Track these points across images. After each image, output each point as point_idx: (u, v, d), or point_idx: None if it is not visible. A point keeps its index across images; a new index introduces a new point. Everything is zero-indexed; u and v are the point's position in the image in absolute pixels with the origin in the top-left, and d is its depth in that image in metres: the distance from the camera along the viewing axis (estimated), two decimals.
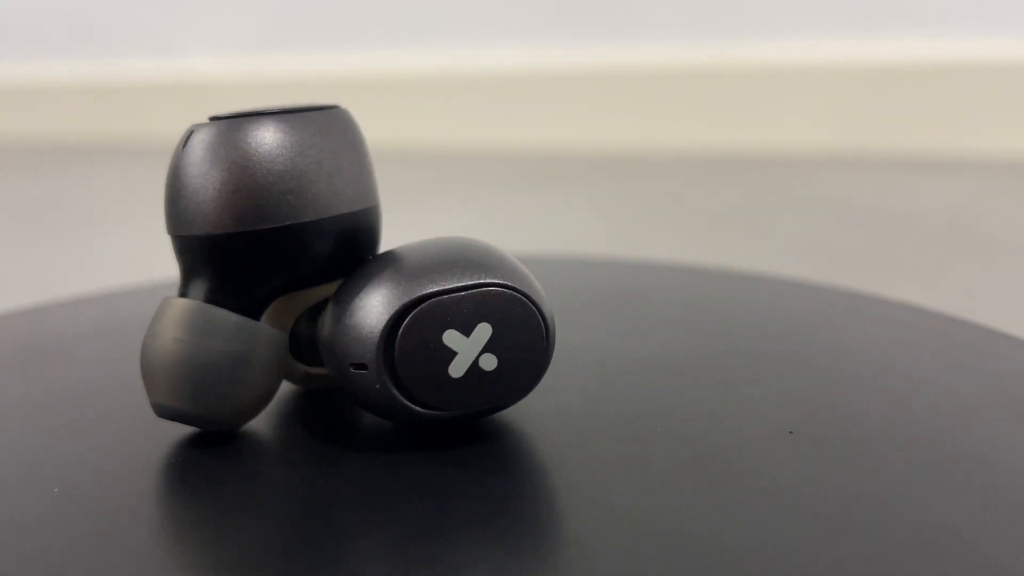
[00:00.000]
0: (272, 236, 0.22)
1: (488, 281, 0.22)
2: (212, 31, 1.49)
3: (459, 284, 0.21)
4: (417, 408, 0.22)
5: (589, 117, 1.27)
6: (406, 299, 0.21)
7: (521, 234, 0.88)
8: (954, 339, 0.31)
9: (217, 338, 0.22)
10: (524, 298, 0.22)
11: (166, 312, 0.23)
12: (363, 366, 0.21)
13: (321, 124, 0.23)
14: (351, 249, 0.24)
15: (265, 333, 0.23)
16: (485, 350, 0.22)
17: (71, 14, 1.57)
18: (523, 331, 0.22)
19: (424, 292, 0.21)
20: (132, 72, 1.54)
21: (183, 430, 0.24)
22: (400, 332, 0.21)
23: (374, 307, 0.21)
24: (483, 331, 0.22)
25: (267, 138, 0.22)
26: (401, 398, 0.22)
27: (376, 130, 1.32)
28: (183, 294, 0.23)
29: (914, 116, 1.12)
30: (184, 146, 0.23)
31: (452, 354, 0.21)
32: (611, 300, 0.35)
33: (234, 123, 0.23)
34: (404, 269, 0.22)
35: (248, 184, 0.22)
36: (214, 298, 0.23)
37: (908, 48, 1.12)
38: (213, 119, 0.23)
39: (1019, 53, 1.08)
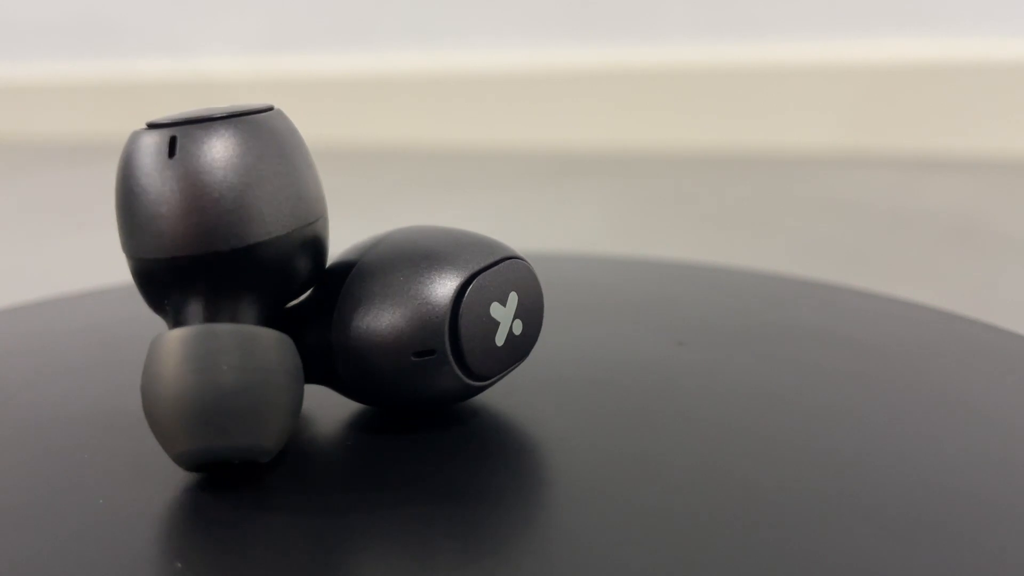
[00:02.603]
0: (270, 247, 0.21)
1: (506, 255, 0.24)
2: (223, 30, 1.49)
3: (490, 260, 0.23)
4: (472, 382, 0.23)
5: (595, 116, 1.27)
6: (459, 280, 0.22)
7: (527, 232, 0.88)
8: (960, 336, 0.31)
9: (228, 355, 0.20)
10: (529, 265, 0.24)
11: (161, 349, 0.20)
12: (429, 352, 0.22)
13: (281, 126, 0.22)
14: (321, 258, 0.23)
15: (274, 336, 0.21)
16: (515, 316, 0.24)
17: (82, 13, 1.57)
18: (532, 294, 0.24)
19: (472, 271, 0.22)
20: (143, 71, 1.54)
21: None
22: (461, 311, 0.22)
23: (428, 293, 0.22)
24: (512, 299, 0.24)
25: (256, 142, 0.21)
26: (462, 375, 0.23)
27: (384, 130, 1.33)
28: (176, 325, 0.21)
29: (921, 115, 1.12)
30: (170, 155, 0.20)
31: (496, 324, 0.23)
32: (614, 298, 0.35)
33: (211, 127, 0.21)
34: (434, 254, 0.23)
35: (245, 195, 0.21)
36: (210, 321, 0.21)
37: (916, 48, 1.12)
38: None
39: None
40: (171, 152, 0.20)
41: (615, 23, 1.26)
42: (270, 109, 0.22)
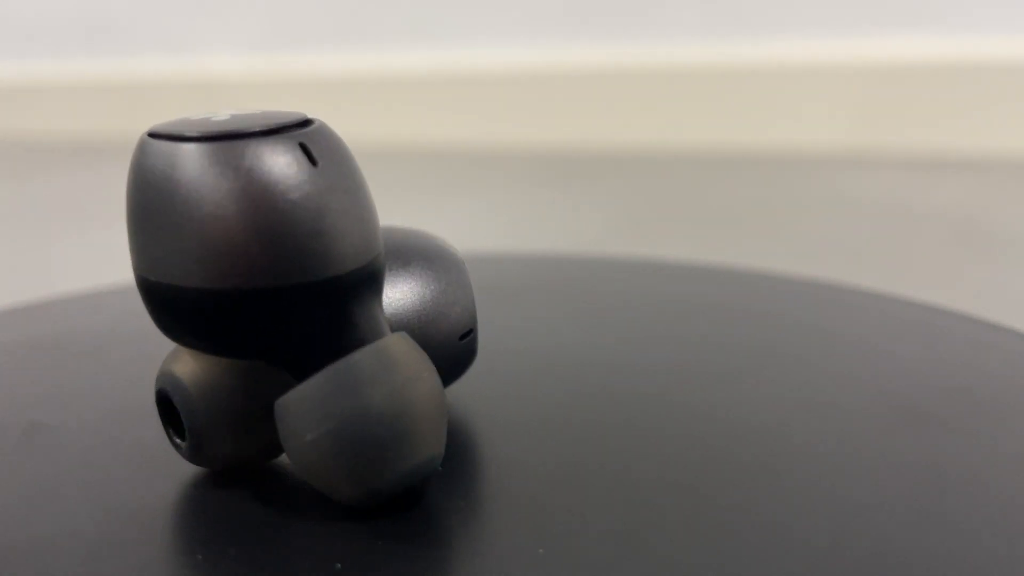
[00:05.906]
0: (381, 257, 0.20)
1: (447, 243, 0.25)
2: (224, 29, 1.49)
3: (452, 248, 0.24)
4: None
5: (597, 116, 1.27)
6: (461, 265, 0.24)
7: (532, 232, 0.88)
8: (962, 334, 0.30)
9: (372, 382, 0.18)
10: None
11: (299, 405, 0.18)
12: (469, 332, 0.24)
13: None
14: None
15: (400, 339, 0.19)
16: None
17: (85, 12, 1.57)
18: None
19: (459, 257, 0.24)
20: (144, 70, 1.54)
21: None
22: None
23: (455, 281, 0.23)
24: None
25: (343, 146, 0.19)
26: (476, 348, 0.24)
27: (384, 130, 1.33)
28: (300, 376, 0.18)
29: (927, 115, 1.12)
30: (313, 164, 0.18)
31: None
32: (617, 298, 0.35)
33: (324, 130, 0.19)
34: (427, 248, 0.24)
35: (370, 202, 0.19)
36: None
37: (922, 47, 1.12)
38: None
39: None
40: (312, 161, 0.18)
41: (617, 23, 1.26)
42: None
